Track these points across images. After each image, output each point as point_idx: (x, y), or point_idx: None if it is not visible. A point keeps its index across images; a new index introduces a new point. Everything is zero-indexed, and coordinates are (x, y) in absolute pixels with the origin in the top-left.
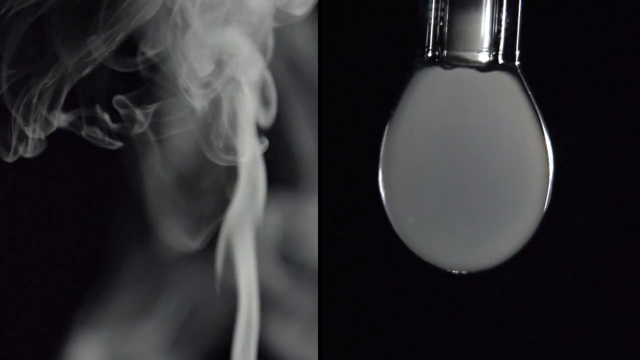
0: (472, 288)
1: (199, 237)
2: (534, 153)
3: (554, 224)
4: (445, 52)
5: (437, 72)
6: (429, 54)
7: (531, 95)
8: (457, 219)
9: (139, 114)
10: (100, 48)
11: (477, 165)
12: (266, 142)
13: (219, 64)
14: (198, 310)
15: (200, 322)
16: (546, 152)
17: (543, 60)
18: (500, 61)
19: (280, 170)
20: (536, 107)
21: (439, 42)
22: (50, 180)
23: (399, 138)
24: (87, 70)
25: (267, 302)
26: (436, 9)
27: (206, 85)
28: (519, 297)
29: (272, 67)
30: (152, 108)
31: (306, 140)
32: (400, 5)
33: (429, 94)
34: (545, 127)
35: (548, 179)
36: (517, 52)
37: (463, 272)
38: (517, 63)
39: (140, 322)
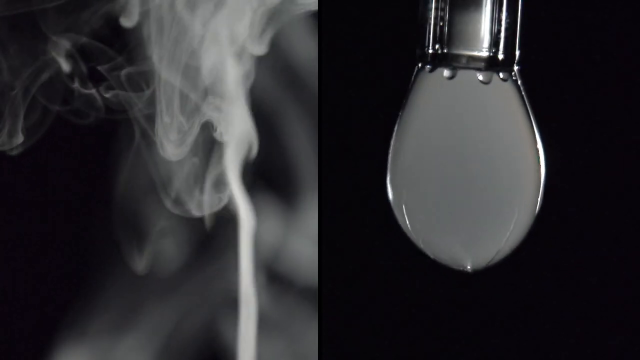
0: (476, 289)
1: (185, 249)
2: (527, 158)
3: (547, 225)
4: (446, 52)
5: (438, 77)
6: (429, 55)
7: (527, 102)
8: (460, 218)
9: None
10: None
11: (476, 168)
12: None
13: (196, 116)
14: (182, 322)
15: (184, 334)
16: (538, 157)
17: (543, 61)
18: (500, 57)
19: (278, 179)
20: (531, 113)
21: (439, 42)
22: (33, 184)
23: (405, 143)
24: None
25: (261, 319)
26: (436, 9)
27: (180, 142)
28: (520, 297)
29: (270, 71)
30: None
31: (304, 147)
32: (400, 5)
33: (432, 99)
34: (538, 132)
35: (540, 180)
36: (517, 52)
37: (467, 269)
38: (516, 68)
39: (125, 333)
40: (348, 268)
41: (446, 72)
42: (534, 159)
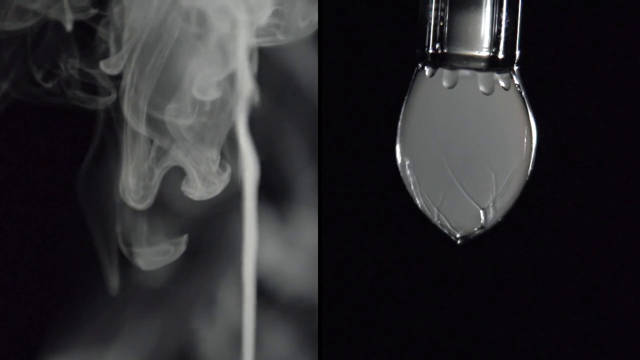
0: (477, 294)
1: (172, 263)
2: (522, 150)
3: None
4: (446, 51)
5: (439, 84)
6: (429, 55)
7: (526, 102)
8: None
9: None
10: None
11: (476, 154)
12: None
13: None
14: (166, 336)
15: (168, 350)
16: (531, 148)
17: (543, 61)
18: (500, 57)
19: (275, 183)
20: (531, 117)
21: (439, 42)
22: (12, 197)
23: (411, 135)
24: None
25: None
26: (436, 9)
27: (145, 193)
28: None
29: (269, 74)
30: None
31: (303, 155)
32: (400, 5)
33: (432, 106)
34: (539, 133)
35: (530, 160)
36: (518, 52)
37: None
38: (515, 68)
39: (109, 348)
40: (348, 284)
41: (446, 82)
42: (527, 150)
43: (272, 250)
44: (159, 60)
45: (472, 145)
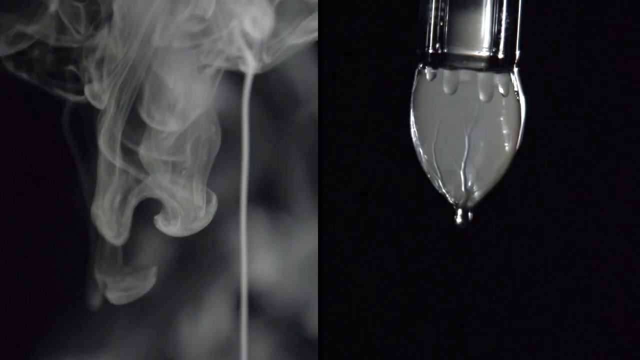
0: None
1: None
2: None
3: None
4: (446, 51)
5: (439, 89)
6: (429, 55)
7: (524, 106)
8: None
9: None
10: None
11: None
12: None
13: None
14: (154, 348)
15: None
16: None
17: (543, 61)
18: (500, 57)
19: (275, 188)
20: (522, 117)
21: (440, 42)
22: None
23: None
24: None
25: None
26: (436, 9)
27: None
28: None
29: (267, 78)
30: None
31: (302, 164)
32: (400, 5)
33: (433, 108)
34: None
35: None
36: (518, 52)
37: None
38: (515, 69)
39: (99, 356)
40: (347, 293)
41: (446, 89)
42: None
43: (265, 260)
44: (134, 92)
45: (470, 145)
